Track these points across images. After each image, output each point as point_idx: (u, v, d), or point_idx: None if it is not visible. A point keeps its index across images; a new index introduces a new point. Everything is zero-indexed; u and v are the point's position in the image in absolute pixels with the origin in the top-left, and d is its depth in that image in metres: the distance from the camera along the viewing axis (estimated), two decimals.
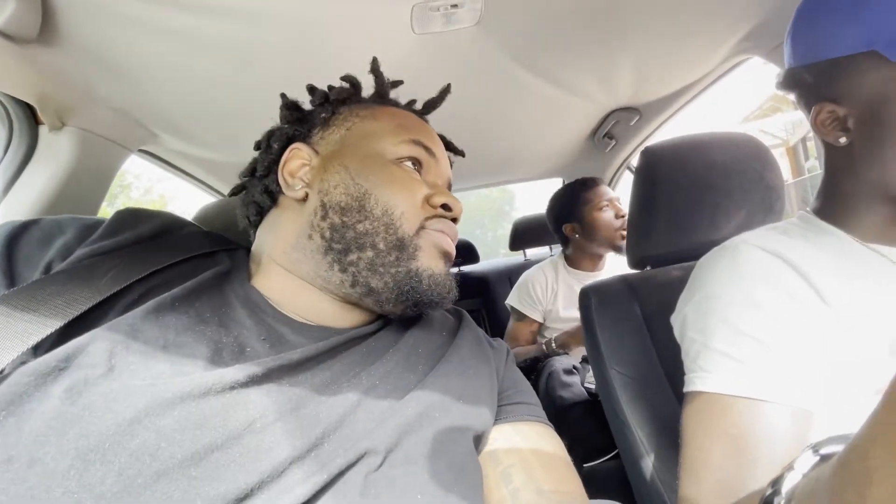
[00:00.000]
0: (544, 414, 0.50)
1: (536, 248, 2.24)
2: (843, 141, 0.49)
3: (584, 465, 1.04)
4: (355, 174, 0.46)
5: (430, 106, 0.59)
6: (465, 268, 2.26)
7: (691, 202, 0.74)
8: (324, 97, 0.54)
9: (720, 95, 1.23)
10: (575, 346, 1.29)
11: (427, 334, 0.49)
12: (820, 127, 0.51)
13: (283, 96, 0.55)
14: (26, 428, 0.30)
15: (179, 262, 0.46)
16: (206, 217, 0.75)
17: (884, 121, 0.45)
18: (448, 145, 0.59)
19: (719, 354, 0.46)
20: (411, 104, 0.59)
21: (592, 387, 1.18)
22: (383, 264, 0.44)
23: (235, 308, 0.43)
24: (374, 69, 0.56)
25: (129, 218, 0.48)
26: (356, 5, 0.66)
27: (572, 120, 1.30)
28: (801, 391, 0.43)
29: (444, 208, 0.48)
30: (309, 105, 0.55)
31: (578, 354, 1.30)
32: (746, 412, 0.43)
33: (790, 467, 0.31)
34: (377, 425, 0.37)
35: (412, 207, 0.46)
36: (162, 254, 0.46)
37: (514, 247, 2.17)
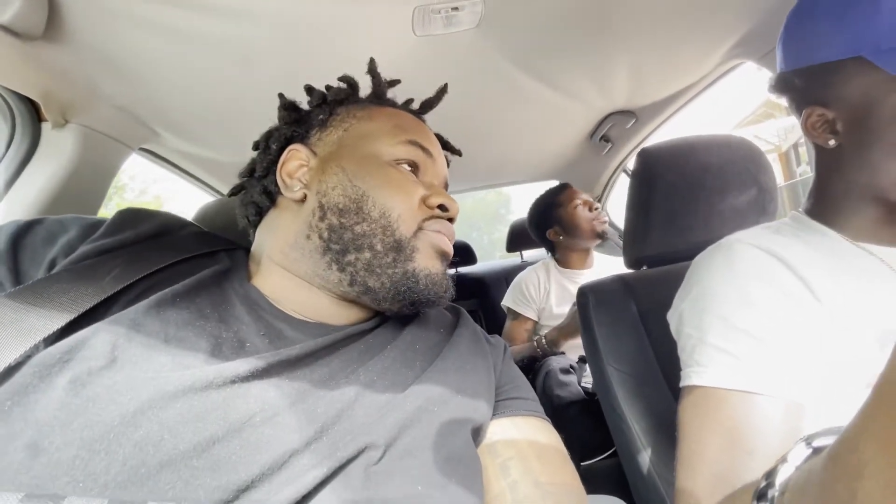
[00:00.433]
0: (542, 409, 0.50)
1: (533, 250, 2.26)
2: (832, 143, 0.50)
3: (582, 463, 1.05)
4: (353, 176, 0.47)
5: (428, 105, 0.59)
6: (463, 269, 2.27)
7: (687, 203, 0.76)
8: (321, 98, 0.54)
9: (714, 101, 1.26)
10: (564, 341, 1.30)
11: (424, 331, 0.50)
12: (810, 130, 0.52)
13: (281, 96, 0.55)
14: (31, 418, 0.31)
15: (180, 261, 0.47)
16: (206, 216, 0.75)
17: (870, 124, 0.47)
18: (445, 145, 0.59)
19: (715, 349, 0.47)
20: (408, 103, 0.59)
21: (589, 386, 1.19)
22: (380, 265, 0.44)
23: (235, 305, 0.44)
24: (372, 70, 0.56)
25: (130, 217, 0.49)
26: (359, 7, 0.67)
27: (569, 123, 1.31)
28: (795, 385, 0.44)
29: (441, 209, 0.48)
30: (308, 105, 0.56)
31: (574, 354, 1.31)
32: (741, 405, 0.44)
33: (783, 459, 0.31)
34: (376, 420, 0.38)
35: (409, 209, 0.46)
36: (163, 253, 0.46)
37: (511, 248, 2.18)
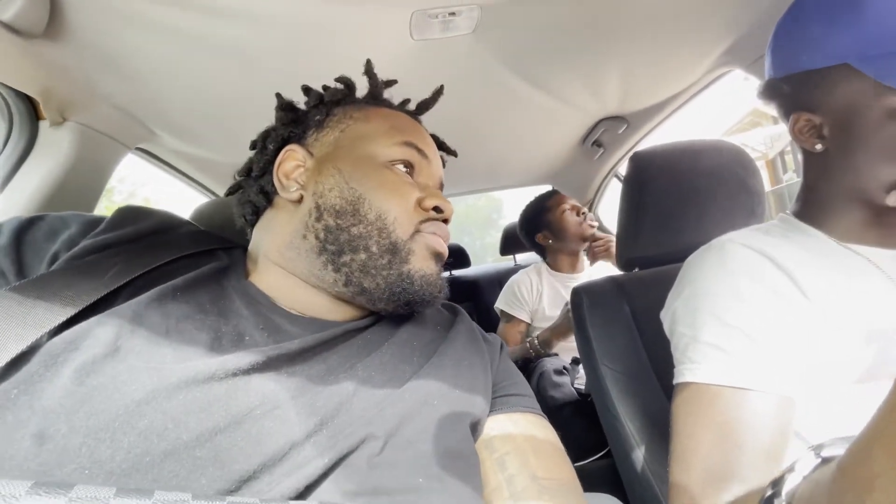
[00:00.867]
0: (538, 405, 0.51)
1: (526, 254, 2.28)
2: (819, 147, 0.52)
3: (575, 463, 1.05)
4: (349, 178, 0.47)
5: (424, 106, 0.59)
6: (457, 272, 2.28)
7: (678, 206, 0.78)
8: (318, 98, 0.54)
9: (703, 109, 1.29)
10: (556, 341, 1.31)
11: (422, 328, 0.50)
12: (798, 134, 0.54)
13: (278, 96, 0.55)
14: (38, 406, 0.31)
15: (179, 258, 0.47)
16: (203, 215, 0.76)
17: (856, 129, 0.48)
18: (441, 145, 0.59)
19: (708, 346, 0.48)
20: (405, 104, 0.59)
21: (582, 387, 1.20)
22: (375, 266, 0.45)
23: (233, 300, 0.44)
24: (368, 70, 0.57)
25: (130, 214, 0.50)
26: (358, 10, 0.68)
27: (562, 127, 1.33)
28: (785, 380, 0.45)
29: (436, 210, 0.49)
30: (304, 105, 0.56)
31: (567, 356, 1.32)
32: (733, 401, 0.45)
33: (791, 469, 0.30)
34: (376, 413, 0.38)
35: (405, 212, 0.47)
36: (163, 250, 0.47)
37: (505, 252, 2.21)
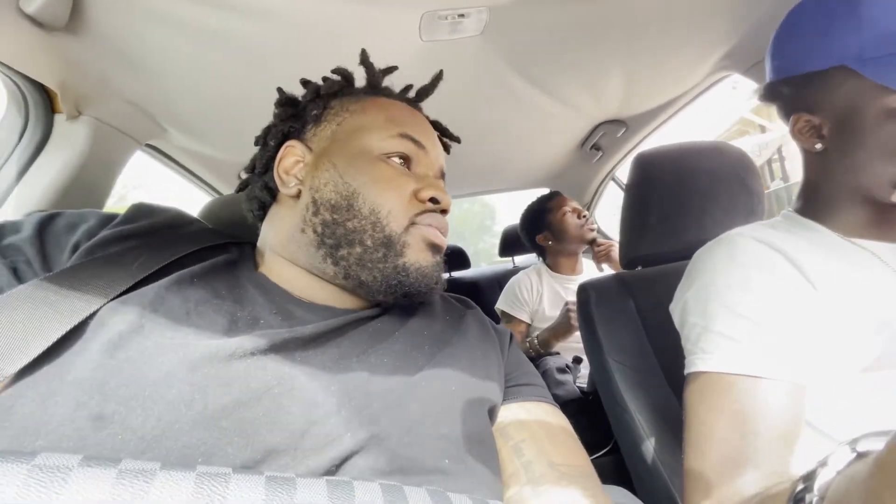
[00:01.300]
0: (550, 395, 0.52)
1: (524, 256, 2.30)
2: (819, 147, 0.54)
3: None
4: (343, 173, 0.47)
5: (423, 93, 0.59)
6: (457, 273, 2.29)
7: (680, 205, 0.80)
8: (315, 92, 0.54)
9: (692, 118, 1.33)
10: (556, 341, 1.32)
11: (432, 318, 0.51)
12: (798, 135, 0.56)
13: (279, 91, 0.55)
14: (69, 377, 0.32)
15: (196, 251, 0.49)
16: (212, 212, 0.76)
17: (854, 129, 0.50)
18: (443, 132, 0.59)
19: (719, 336, 0.49)
20: (405, 92, 0.58)
21: (584, 385, 1.22)
22: (371, 260, 0.46)
23: (247, 288, 0.45)
24: (364, 60, 0.56)
25: (144, 209, 0.51)
26: (369, 10, 0.69)
27: (562, 131, 1.36)
28: (796, 368, 0.47)
29: (433, 202, 0.49)
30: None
31: (567, 355, 1.33)
32: (746, 389, 0.46)
33: (824, 463, 0.29)
34: (394, 399, 0.39)
35: (399, 206, 0.47)
36: (180, 243, 0.48)
37: (504, 253, 2.22)
